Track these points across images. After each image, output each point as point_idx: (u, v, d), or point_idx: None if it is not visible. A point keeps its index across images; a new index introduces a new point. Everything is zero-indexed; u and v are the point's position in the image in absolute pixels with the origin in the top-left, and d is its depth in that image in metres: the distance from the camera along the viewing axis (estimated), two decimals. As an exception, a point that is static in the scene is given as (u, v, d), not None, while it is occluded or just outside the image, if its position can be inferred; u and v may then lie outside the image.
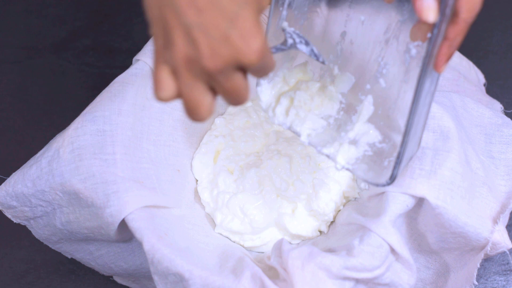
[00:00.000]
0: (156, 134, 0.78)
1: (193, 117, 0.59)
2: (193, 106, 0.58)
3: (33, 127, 0.96)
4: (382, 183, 0.67)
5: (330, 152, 0.70)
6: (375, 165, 0.68)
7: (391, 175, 0.66)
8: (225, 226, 0.80)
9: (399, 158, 0.65)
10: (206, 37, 0.54)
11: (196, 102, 0.57)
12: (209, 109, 0.58)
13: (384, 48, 0.68)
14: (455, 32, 0.61)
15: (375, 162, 0.69)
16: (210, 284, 0.68)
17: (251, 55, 0.55)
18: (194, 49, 0.55)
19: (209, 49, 0.55)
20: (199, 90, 0.57)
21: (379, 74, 0.69)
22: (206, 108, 0.58)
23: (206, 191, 0.82)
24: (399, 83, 0.67)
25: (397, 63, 0.67)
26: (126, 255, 0.79)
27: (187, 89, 0.57)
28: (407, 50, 0.65)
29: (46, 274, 0.88)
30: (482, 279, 0.84)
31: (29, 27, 1.02)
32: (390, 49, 0.68)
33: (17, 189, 0.74)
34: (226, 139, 0.84)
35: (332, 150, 0.70)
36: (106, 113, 0.74)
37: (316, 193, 0.80)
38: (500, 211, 0.74)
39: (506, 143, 0.77)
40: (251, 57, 0.55)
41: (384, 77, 0.68)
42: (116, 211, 0.71)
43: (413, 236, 0.75)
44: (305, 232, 0.80)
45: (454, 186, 0.71)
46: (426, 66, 0.61)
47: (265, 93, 0.73)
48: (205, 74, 0.56)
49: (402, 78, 0.67)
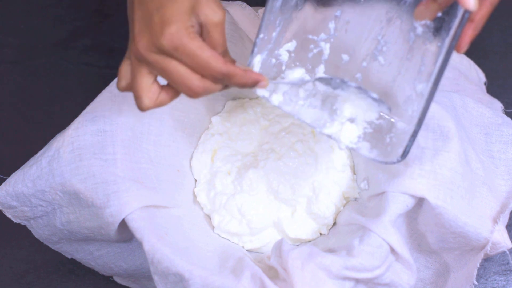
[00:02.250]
0: (156, 134, 0.78)
1: (136, 103, 0.63)
2: (135, 90, 0.63)
3: (33, 127, 0.96)
4: (392, 160, 0.67)
5: (332, 132, 0.69)
6: (378, 143, 0.68)
7: (403, 152, 0.66)
8: (223, 228, 0.80)
9: (413, 136, 0.65)
10: (138, 25, 0.62)
11: (138, 86, 0.62)
12: (151, 96, 0.63)
13: (385, 27, 0.68)
14: (481, 14, 0.62)
15: (377, 140, 0.68)
16: (210, 284, 0.68)
17: (163, 38, 0.60)
18: (132, 38, 0.62)
19: (138, 34, 0.62)
20: (141, 75, 0.62)
21: (377, 52, 0.69)
22: (147, 94, 0.62)
23: (203, 193, 0.82)
24: (399, 61, 0.67)
25: (400, 41, 0.67)
26: (126, 255, 0.79)
27: (133, 75, 0.63)
28: (412, 29, 0.65)
29: (46, 274, 0.88)
30: (482, 279, 0.84)
31: (29, 27, 1.02)
32: (392, 27, 0.68)
33: (17, 189, 0.74)
34: (223, 137, 0.84)
35: (334, 129, 0.69)
36: (106, 113, 0.74)
37: (317, 196, 0.80)
38: (500, 211, 0.74)
39: (506, 143, 0.77)
40: (163, 40, 0.60)
41: (384, 54, 0.68)
42: (116, 211, 0.71)
43: (413, 236, 0.75)
44: (305, 235, 0.80)
45: (454, 186, 0.71)
46: (452, 48, 0.62)
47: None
48: (142, 60, 0.62)
49: (405, 56, 0.67)
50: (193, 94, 0.62)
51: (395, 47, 0.68)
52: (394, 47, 0.68)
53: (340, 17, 0.70)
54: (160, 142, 0.79)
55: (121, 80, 0.64)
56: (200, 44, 0.61)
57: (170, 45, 0.60)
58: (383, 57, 0.68)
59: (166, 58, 0.61)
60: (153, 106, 0.63)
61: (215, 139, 0.84)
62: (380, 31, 0.68)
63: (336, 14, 0.69)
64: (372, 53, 0.69)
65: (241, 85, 0.63)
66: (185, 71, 0.61)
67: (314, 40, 0.70)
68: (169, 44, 0.60)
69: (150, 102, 0.63)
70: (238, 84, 0.63)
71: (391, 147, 0.67)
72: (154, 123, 0.78)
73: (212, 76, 0.62)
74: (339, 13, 0.69)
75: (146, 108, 0.63)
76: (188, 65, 0.61)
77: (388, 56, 0.68)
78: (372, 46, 0.69)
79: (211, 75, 0.61)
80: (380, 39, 0.69)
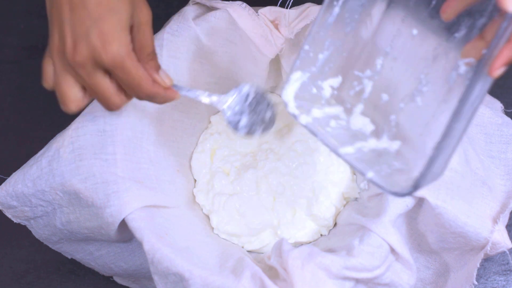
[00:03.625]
0: (156, 134, 0.78)
1: (62, 106, 0.65)
2: (61, 95, 0.65)
3: (33, 127, 0.96)
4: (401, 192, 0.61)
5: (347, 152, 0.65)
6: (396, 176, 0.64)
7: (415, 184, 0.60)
8: (222, 228, 0.80)
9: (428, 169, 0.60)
10: (72, 32, 0.61)
11: (64, 92, 0.64)
12: (76, 102, 0.65)
13: (430, 65, 0.64)
14: None
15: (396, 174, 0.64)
16: (210, 284, 0.68)
17: (105, 56, 0.61)
18: (62, 42, 0.62)
19: (72, 42, 0.62)
20: (66, 81, 0.64)
21: (417, 92, 0.65)
22: (72, 100, 0.65)
23: (201, 193, 0.82)
24: (437, 103, 0.63)
25: (440, 81, 0.63)
26: (126, 255, 0.79)
27: (58, 79, 0.64)
28: (455, 67, 0.62)
29: (46, 274, 0.88)
30: (482, 279, 0.84)
31: (29, 27, 1.02)
32: (437, 65, 0.64)
33: (17, 189, 0.74)
34: (222, 136, 0.84)
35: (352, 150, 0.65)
36: (107, 113, 0.74)
37: (316, 197, 0.80)
38: (500, 211, 0.74)
39: (506, 143, 0.77)
40: (105, 58, 0.61)
41: (423, 95, 0.64)
42: (116, 211, 0.71)
43: (413, 236, 0.75)
44: (305, 238, 0.80)
45: (454, 186, 0.71)
46: (482, 67, 0.57)
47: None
48: (71, 67, 0.62)
49: (442, 98, 0.63)
50: (109, 109, 0.66)
51: (434, 87, 0.64)
52: (434, 87, 0.64)
53: (389, 53, 0.67)
54: (160, 142, 0.79)
55: (47, 80, 0.67)
56: (136, 64, 0.63)
57: (111, 63, 0.61)
58: (421, 98, 0.64)
59: (98, 72, 0.63)
60: (77, 111, 0.66)
61: (214, 139, 0.84)
62: (423, 69, 0.65)
63: (386, 50, 0.67)
64: (412, 94, 0.65)
65: (158, 103, 0.67)
66: (111, 89, 0.64)
67: (359, 76, 0.68)
68: (110, 62, 0.61)
69: (76, 109, 0.66)
70: (156, 102, 0.67)
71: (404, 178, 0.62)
72: (154, 123, 0.78)
73: (138, 95, 0.65)
74: (389, 49, 0.67)
75: (71, 112, 0.66)
76: (119, 82, 0.63)
77: (426, 97, 0.64)
78: (412, 85, 0.65)
79: (137, 94, 0.65)
80: (422, 79, 0.65)
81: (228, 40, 0.80)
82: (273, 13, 0.79)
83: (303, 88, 0.67)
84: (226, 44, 0.80)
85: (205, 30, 0.79)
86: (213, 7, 0.79)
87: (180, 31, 0.79)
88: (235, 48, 0.81)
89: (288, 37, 0.79)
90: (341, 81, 0.68)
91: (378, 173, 0.63)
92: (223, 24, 0.79)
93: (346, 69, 0.68)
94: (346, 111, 0.68)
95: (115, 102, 0.65)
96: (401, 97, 0.66)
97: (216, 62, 0.82)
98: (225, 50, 0.81)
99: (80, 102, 0.65)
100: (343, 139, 0.66)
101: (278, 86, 0.87)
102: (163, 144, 0.79)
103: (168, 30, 0.79)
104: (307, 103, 0.68)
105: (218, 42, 0.80)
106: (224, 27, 0.79)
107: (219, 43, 0.80)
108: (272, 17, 0.79)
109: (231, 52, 0.81)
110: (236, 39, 0.80)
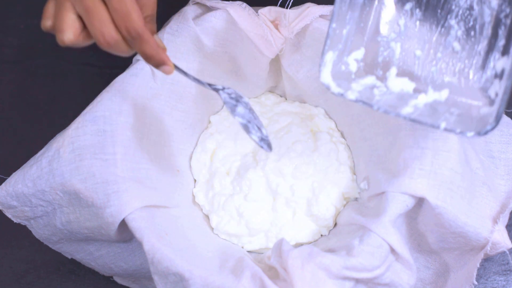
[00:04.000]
0: (156, 134, 0.78)
1: (58, 35, 0.64)
2: (58, 22, 0.64)
3: (33, 127, 0.96)
4: (486, 129, 0.62)
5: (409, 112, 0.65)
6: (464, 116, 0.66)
7: (496, 116, 0.62)
8: (221, 229, 0.80)
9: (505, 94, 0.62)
10: None
11: (61, 18, 0.63)
12: (72, 29, 0.63)
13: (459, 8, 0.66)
14: None
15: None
16: (210, 284, 0.68)
17: None
18: None
19: None
20: (65, 8, 0.63)
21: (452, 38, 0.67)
22: (69, 25, 0.63)
23: (201, 193, 0.82)
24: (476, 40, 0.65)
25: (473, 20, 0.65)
26: (126, 256, 0.79)
27: (57, 10, 0.64)
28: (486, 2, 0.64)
29: (46, 274, 0.88)
30: (482, 279, 0.84)
31: (29, 27, 1.02)
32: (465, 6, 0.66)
33: (17, 189, 0.74)
34: (221, 136, 0.84)
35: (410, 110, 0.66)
36: (107, 113, 0.74)
37: (316, 197, 0.80)
38: (500, 211, 0.74)
39: (506, 143, 0.77)
40: None
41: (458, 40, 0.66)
42: (116, 211, 0.71)
43: (413, 236, 0.75)
44: (306, 239, 0.80)
45: (454, 186, 0.71)
46: None
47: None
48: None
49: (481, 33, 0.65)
50: (103, 42, 0.63)
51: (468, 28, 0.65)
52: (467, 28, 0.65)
53: (409, 11, 0.68)
54: (160, 142, 0.79)
55: (47, 20, 0.66)
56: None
57: None
58: (458, 43, 0.66)
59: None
60: (75, 41, 0.64)
61: (214, 138, 0.84)
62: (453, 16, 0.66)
63: (405, 9, 0.68)
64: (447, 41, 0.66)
65: (147, 56, 0.65)
66: (106, 17, 0.63)
67: (383, 41, 0.69)
68: None
69: (72, 36, 0.64)
70: (145, 53, 0.64)
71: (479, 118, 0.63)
72: (154, 123, 0.78)
73: (127, 31, 0.63)
74: (409, 7, 0.68)
75: (68, 41, 0.64)
76: (112, 10, 0.62)
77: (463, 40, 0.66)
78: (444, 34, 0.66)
79: (127, 29, 0.63)
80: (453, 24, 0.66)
81: (228, 40, 0.80)
82: (273, 13, 0.79)
83: (334, 67, 0.68)
84: (226, 44, 0.80)
85: (205, 30, 0.79)
86: (213, 7, 0.79)
87: (180, 31, 0.79)
88: (235, 48, 0.81)
89: (288, 37, 0.79)
90: (364, 52, 0.69)
91: (448, 121, 0.63)
92: (223, 24, 0.79)
93: (368, 39, 0.69)
94: (379, 79, 0.69)
95: (111, 35, 0.63)
96: (435, 46, 0.67)
97: (216, 62, 0.82)
98: (225, 50, 0.81)
99: (76, 30, 0.64)
100: (393, 103, 0.67)
101: (278, 86, 0.88)
102: (163, 144, 0.79)
103: (168, 30, 0.79)
104: (342, 81, 0.68)
105: (218, 42, 0.80)
106: (224, 27, 0.79)
107: (219, 43, 0.80)
108: (272, 17, 0.79)
109: (231, 52, 0.81)
110: (236, 39, 0.80)
